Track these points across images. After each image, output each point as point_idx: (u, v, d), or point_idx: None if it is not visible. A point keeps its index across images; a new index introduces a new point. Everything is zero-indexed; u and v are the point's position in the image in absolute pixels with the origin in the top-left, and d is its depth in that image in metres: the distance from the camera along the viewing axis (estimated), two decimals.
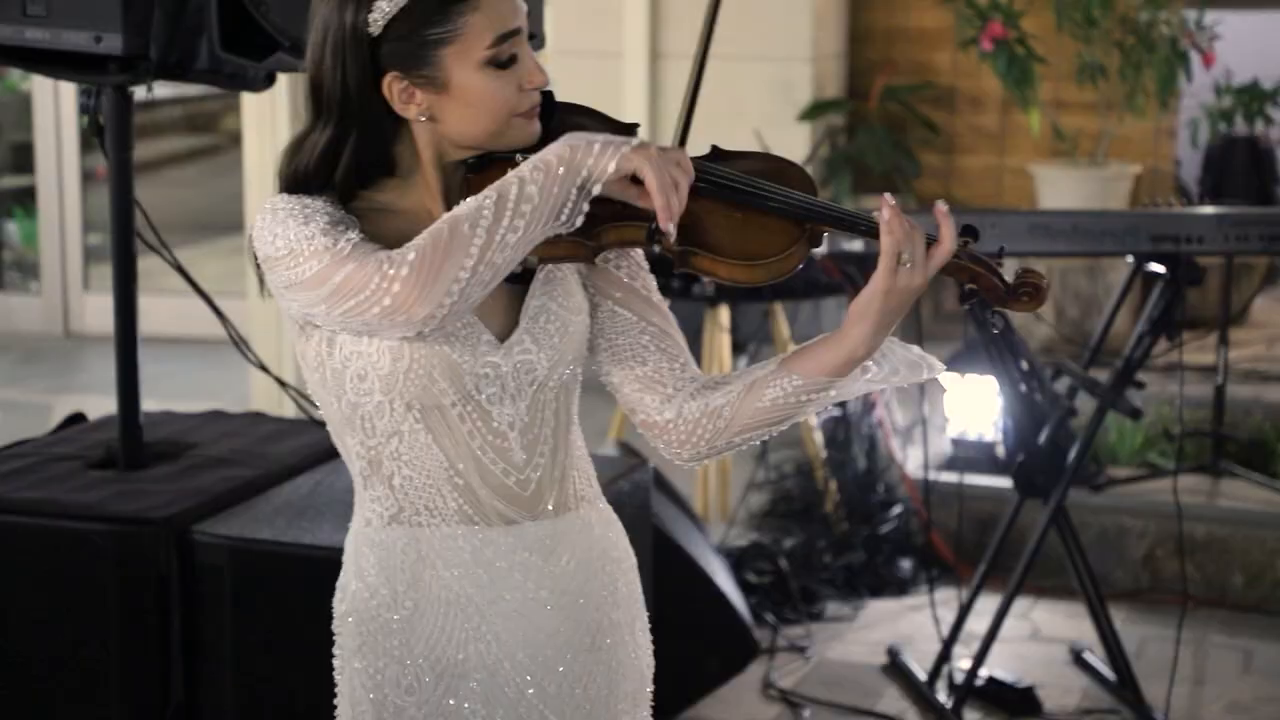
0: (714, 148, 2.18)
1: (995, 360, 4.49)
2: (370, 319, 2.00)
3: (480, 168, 2.12)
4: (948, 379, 5.50)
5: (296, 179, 2.13)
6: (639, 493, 3.72)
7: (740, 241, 2.08)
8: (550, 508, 2.19)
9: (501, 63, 2.08)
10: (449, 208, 2.11)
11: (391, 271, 1.96)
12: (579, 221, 1.99)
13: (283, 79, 5.84)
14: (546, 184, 1.96)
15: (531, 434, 2.17)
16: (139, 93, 3.51)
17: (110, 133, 3.45)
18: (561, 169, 1.97)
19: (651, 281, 2.24)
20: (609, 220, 2.07)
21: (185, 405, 4.16)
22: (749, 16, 6.99)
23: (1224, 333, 5.61)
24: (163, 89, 3.71)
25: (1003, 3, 6.74)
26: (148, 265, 3.59)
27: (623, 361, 2.21)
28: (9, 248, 8.95)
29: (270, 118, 5.92)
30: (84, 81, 3.46)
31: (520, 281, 2.15)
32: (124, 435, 3.57)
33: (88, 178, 8.32)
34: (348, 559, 2.24)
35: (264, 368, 3.89)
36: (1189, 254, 4.33)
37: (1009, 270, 2.11)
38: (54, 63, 3.44)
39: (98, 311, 8.03)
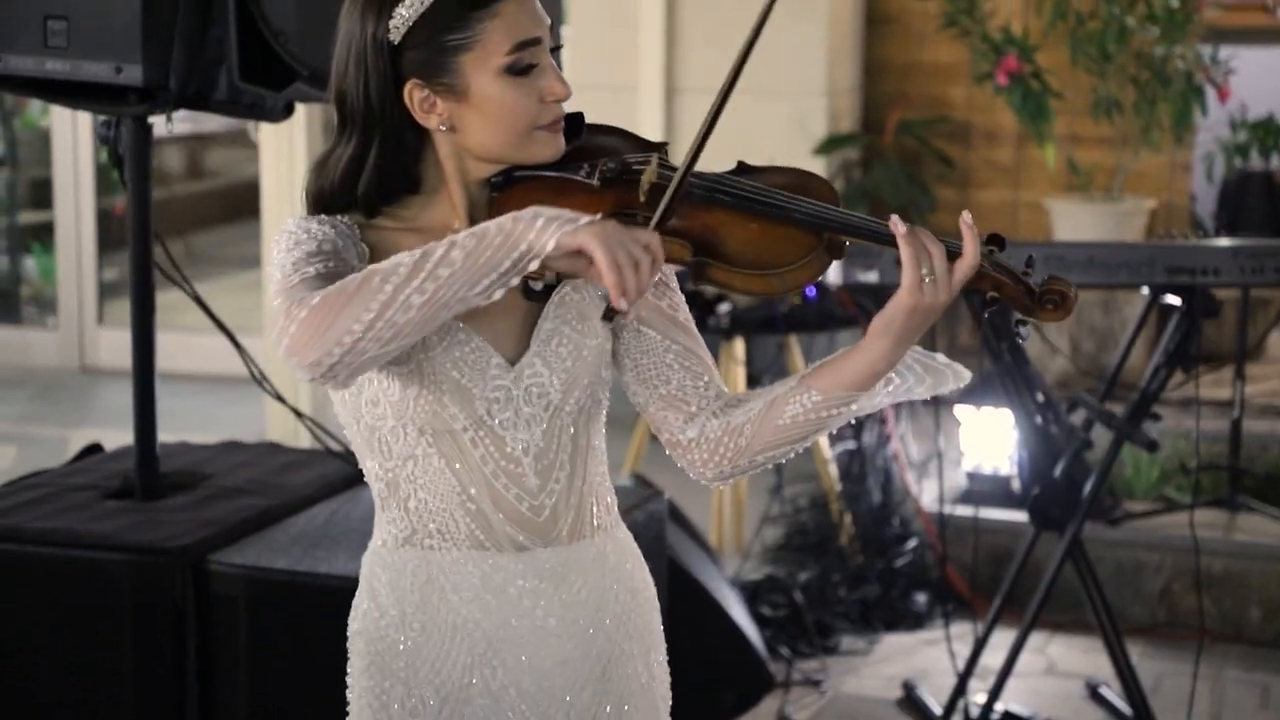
0: (740, 163, 2.19)
1: (1010, 392, 4.48)
2: (282, 356, 1.96)
3: (505, 185, 2.13)
4: (963, 412, 5.49)
5: (321, 196, 2.14)
6: (654, 524, 3.72)
7: (755, 252, 2.08)
8: (564, 534, 2.18)
9: (521, 71, 2.08)
10: (472, 225, 2.10)
11: (295, 313, 1.92)
12: (497, 295, 1.92)
13: (301, 110, 5.89)
14: (476, 251, 1.90)
15: (547, 459, 2.16)
16: (159, 125, 3.52)
17: (130, 163, 3.46)
18: (498, 239, 1.90)
19: (679, 299, 2.23)
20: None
21: (201, 438, 4.17)
22: (764, 51, 6.96)
23: (1240, 367, 5.60)
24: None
25: (1018, 37, 6.76)
26: (163, 300, 3.59)
27: (647, 381, 2.20)
28: (27, 282, 8.98)
29: (288, 150, 5.94)
30: (104, 112, 3.47)
31: (537, 300, 2.15)
32: (140, 465, 3.58)
33: (104, 213, 8.35)
34: (363, 578, 2.25)
35: (280, 397, 3.90)
36: (1204, 286, 4.33)
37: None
38: (74, 94, 3.46)
39: (113, 346, 8.05)
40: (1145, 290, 4.44)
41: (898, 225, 2.02)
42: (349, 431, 2.19)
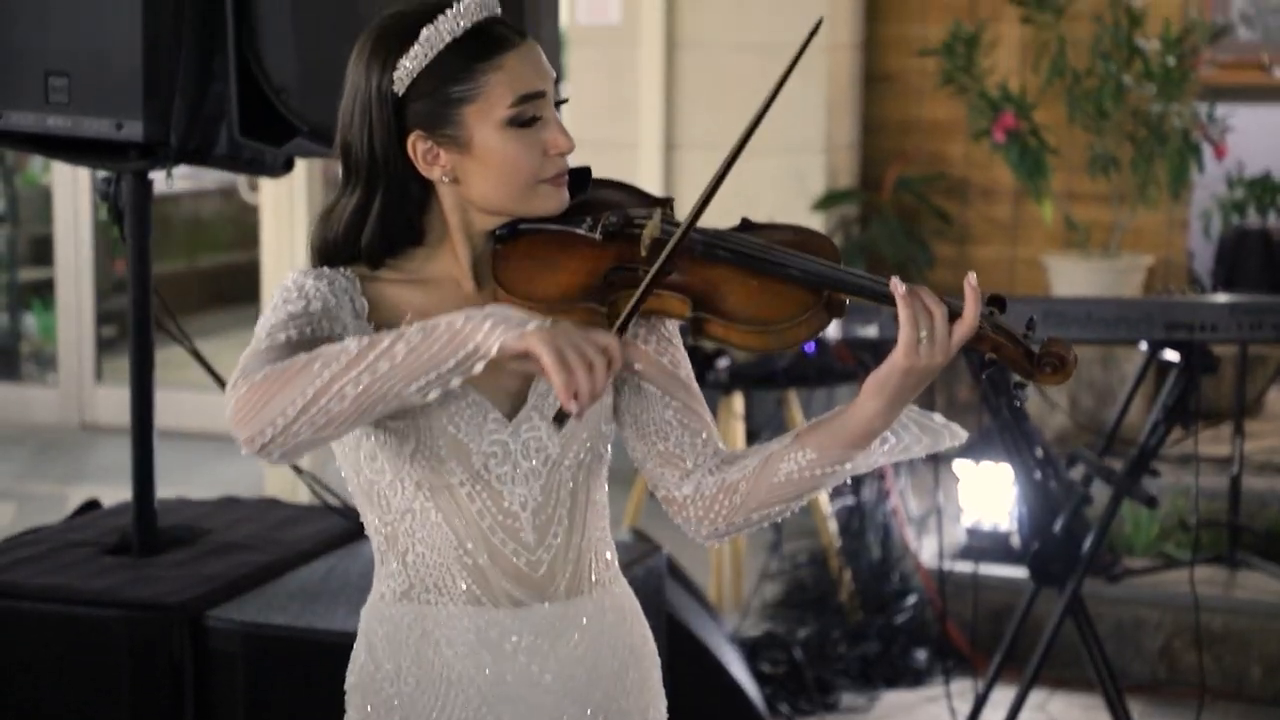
0: (743, 220, 2.19)
1: (1010, 447, 4.48)
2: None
3: (509, 238, 2.13)
4: (962, 468, 5.49)
5: (325, 247, 2.15)
6: (652, 579, 3.71)
7: (754, 308, 2.07)
8: (562, 590, 2.16)
9: (524, 124, 2.09)
10: (477, 279, 2.14)
11: (239, 385, 1.92)
12: (433, 395, 1.90)
13: (301, 162, 5.91)
14: (420, 348, 1.88)
15: (544, 514, 2.14)
16: (160, 180, 3.53)
17: (130, 218, 3.47)
18: (445, 337, 1.87)
19: (681, 356, 2.22)
20: (631, 287, 2.06)
21: (200, 495, 4.16)
22: None
23: (1239, 423, 5.60)
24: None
25: (1015, 94, 6.79)
26: (162, 357, 3.60)
27: (645, 436, 2.19)
28: (27, 339, 8.99)
29: (288, 199, 5.95)
30: (104, 168, 3.49)
31: None
32: (138, 521, 3.57)
33: (102, 270, 8.37)
34: (361, 632, 2.23)
35: None
36: (1203, 342, 4.33)
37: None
38: (75, 150, 3.48)
39: (112, 403, 8.05)
40: (1144, 346, 4.45)
41: (897, 286, 2.01)
42: (350, 485, 2.18)
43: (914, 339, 1.99)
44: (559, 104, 2.15)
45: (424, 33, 2.07)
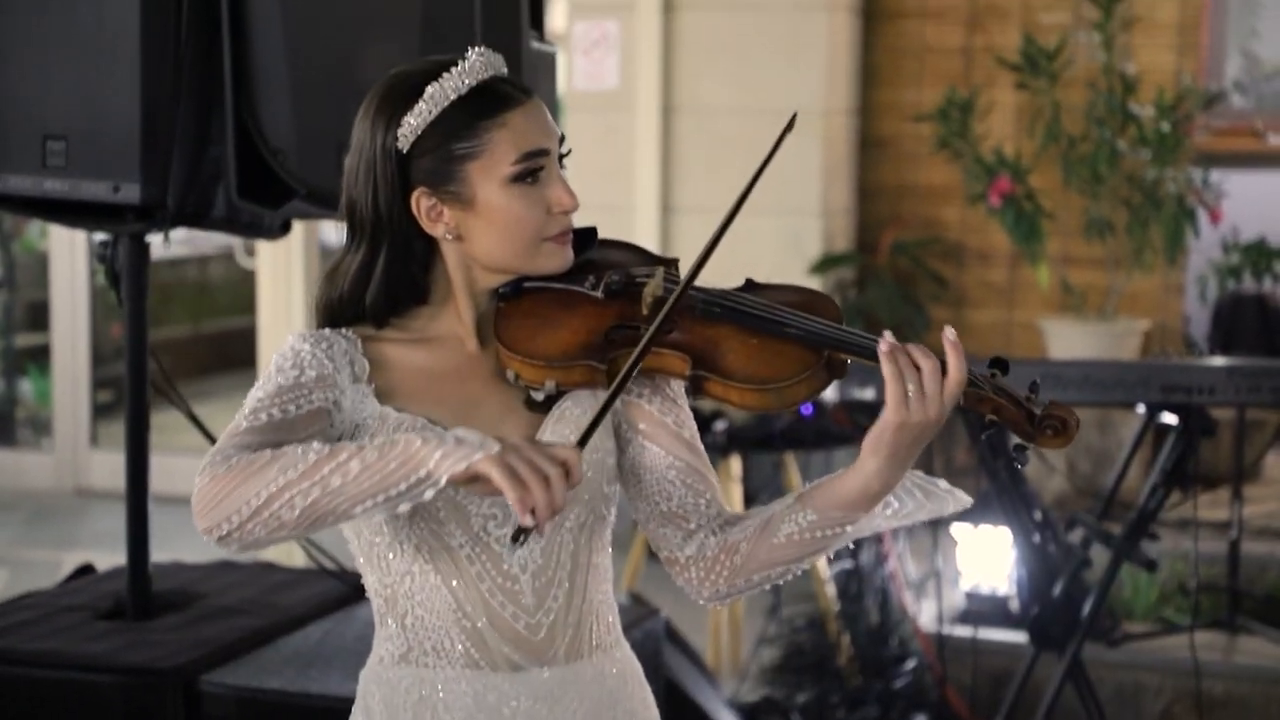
0: (748, 280, 2.19)
1: (1008, 510, 4.47)
2: None
3: (512, 296, 2.13)
4: (961, 531, 5.47)
5: (330, 306, 2.14)
6: (650, 642, 3.69)
7: (753, 367, 2.07)
8: (561, 654, 2.13)
9: (527, 181, 2.09)
10: (480, 337, 2.14)
11: (206, 472, 1.92)
12: (377, 516, 1.94)
13: (298, 227, 5.92)
14: (374, 466, 1.86)
15: (545, 577, 2.12)
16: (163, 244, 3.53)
17: (126, 281, 3.47)
18: (400, 458, 1.86)
19: (685, 416, 2.19)
20: (632, 345, 2.06)
21: (195, 559, 4.14)
22: None
23: (1238, 486, 5.58)
24: None
25: (1010, 159, 6.81)
26: (157, 421, 3.59)
27: (649, 496, 2.17)
28: (22, 405, 8.98)
29: (285, 264, 5.96)
30: (101, 230, 3.49)
31: (539, 411, 2.13)
32: (132, 585, 3.55)
33: (98, 336, 8.37)
34: (359, 695, 2.21)
35: None
36: (1201, 405, 4.33)
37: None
38: (72, 213, 3.48)
39: (106, 469, 8.03)
40: (1141, 409, 4.44)
41: (882, 343, 2.00)
42: (351, 545, 2.17)
43: (901, 394, 1.97)
44: (563, 159, 2.15)
45: (429, 90, 2.07)
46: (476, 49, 2.11)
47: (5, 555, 7.20)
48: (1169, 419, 4.35)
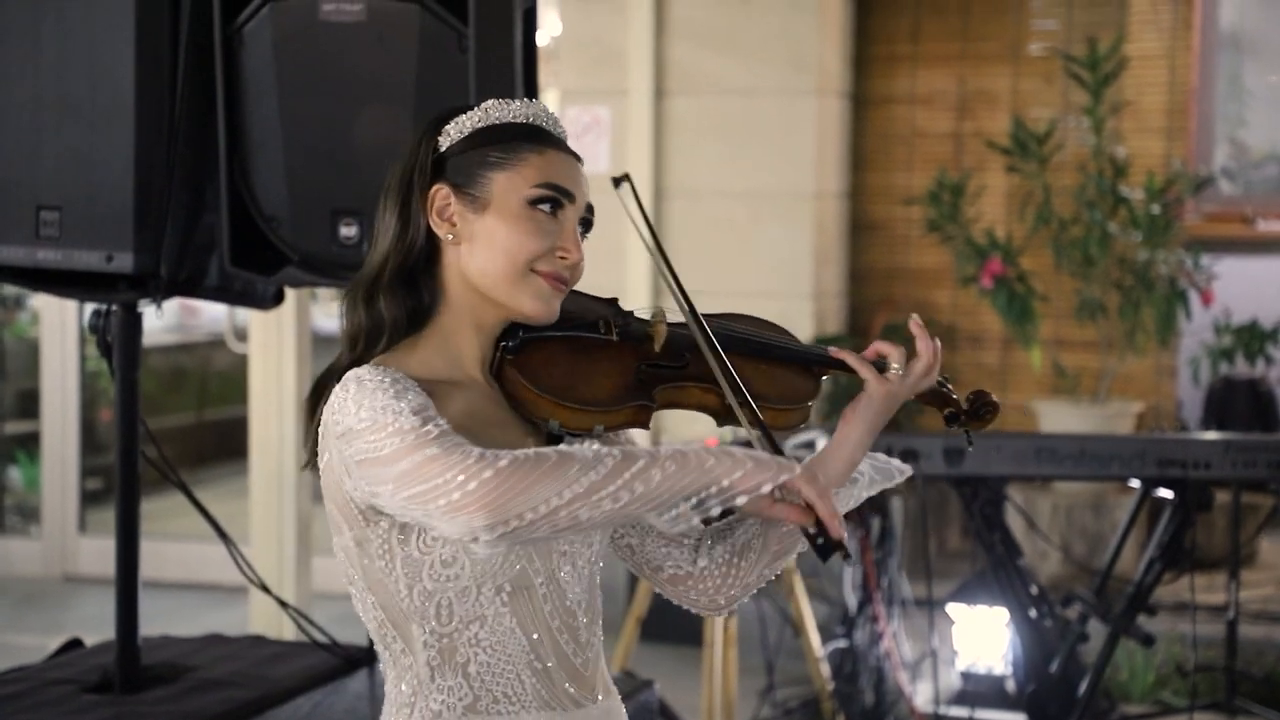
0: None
1: (1004, 584, 4.44)
2: (433, 509, 1.90)
3: (519, 349, 2.13)
4: (957, 611, 5.43)
5: (354, 335, 2.12)
6: (644, 714, 3.66)
7: (776, 389, 2.18)
8: (598, 691, 2.14)
9: (544, 209, 2.09)
10: (485, 373, 2.13)
11: (475, 467, 1.88)
12: (680, 527, 1.93)
13: (290, 301, 5.91)
14: (674, 475, 1.90)
15: (591, 611, 2.14)
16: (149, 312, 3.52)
17: (118, 351, 3.46)
18: (694, 472, 1.90)
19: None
20: (657, 383, 2.13)
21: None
22: (752, 253, 7.10)
23: (1235, 568, 5.56)
24: None
25: (1001, 241, 6.83)
26: (149, 508, 3.57)
27: (648, 532, 2.21)
28: (10, 491, 8.94)
29: (277, 349, 5.95)
30: (94, 300, 3.48)
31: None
32: (121, 658, 3.51)
33: (88, 424, 8.35)
34: None
35: (265, 587, 3.85)
36: (1196, 480, 4.32)
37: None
38: (64, 283, 3.47)
39: (95, 555, 7.99)
40: (1136, 484, 4.43)
41: (840, 351, 2.22)
42: (386, 601, 2.08)
43: (873, 372, 2.18)
44: (586, 229, 2.16)
45: (488, 103, 2.15)
46: (546, 106, 2.18)
47: None
48: (1165, 494, 4.34)
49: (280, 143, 3.26)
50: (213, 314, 9.21)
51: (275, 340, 5.92)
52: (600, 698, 2.14)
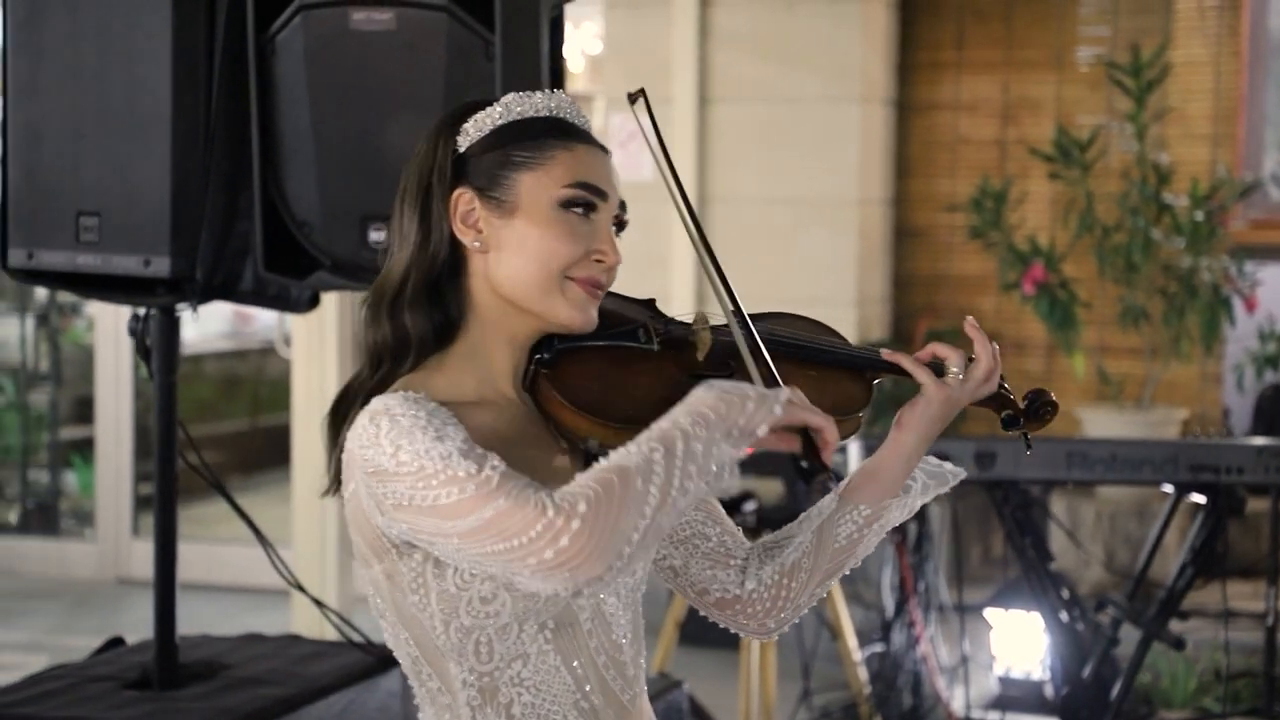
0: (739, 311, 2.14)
1: (1036, 588, 4.46)
2: (520, 569, 1.79)
3: (554, 362, 2.01)
4: (993, 615, 5.45)
5: (377, 349, 1.99)
6: (673, 714, 3.70)
7: (829, 398, 2.03)
8: None
9: (576, 212, 1.97)
10: (518, 387, 2.03)
11: (560, 522, 1.76)
12: (725, 479, 1.83)
13: (333, 307, 5.99)
14: (708, 441, 1.80)
15: (635, 644, 2.04)
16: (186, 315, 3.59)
17: (156, 354, 3.53)
18: (717, 423, 1.81)
19: None
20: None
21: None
22: (795, 260, 7.13)
23: (1274, 573, 5.54)
24: None
25: (1044, 247, 6.84)
26: (198, 513, 3.63)
27: (685, 541, 2.12)
28: (66, 496, 9.07)
29: (319, 352, 6.03)
30: (132, 303, 3.55)
31: None
32: (159, 656, 3.58)
33: (141, 429, 8.46)
34: None
35: (299, 586, 3.91)
36: (1229, 485, 4.32)
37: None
38: (103, 286, 3.54)
39: (147, 558, 8.05)
40: (1169, 488, 4.44)
41: (895, 355, 2.11)
42: (419, 637, 1.96)
43: (930, 377, 2.08)
44: (620, 227, 2.04)
45: (507, 97, 2.00)
46: (568, 96, 2.04)
47: (47, 642, 7.24)
48: (1198, 499, 4.35)
49: (312, 149, 3.32)
50: (266, 321, 9.32)
51: (318, 346, 5.99)
52: None
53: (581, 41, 8.84)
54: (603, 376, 2.00)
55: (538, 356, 2.01)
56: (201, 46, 3.40)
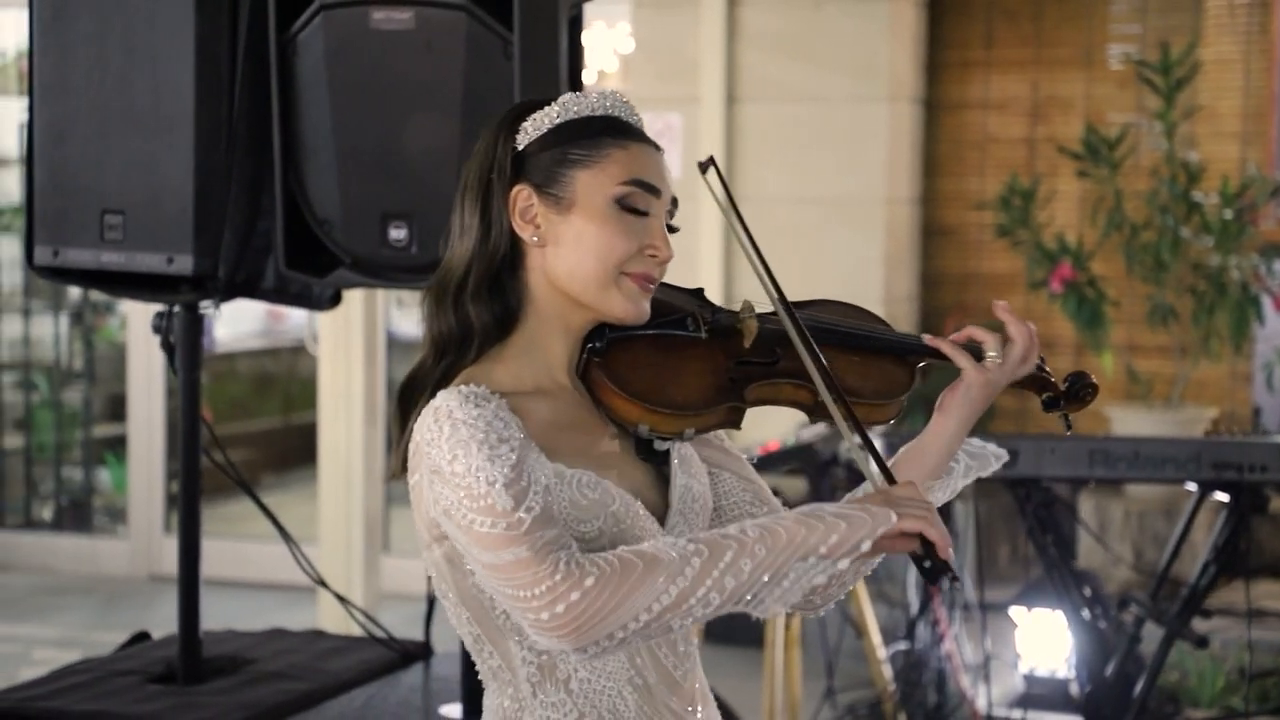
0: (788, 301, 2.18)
1: (1059, 586, 4.45)
2: (520, 618, 1.90)
3: (605, 350, 2.08)
4: (1018, 614, 5.44)
5: (440, 340, 2.07)
6: None
7: (870, 383, 2.13)
8: (699, 700, 2.10)
9: (631, 210, 2.04)
10: (573, 375, 2.09)
11: (563, 588, 1.85)
12: (779, 609, 1.91)
13: (358, 306, 6.02)
14: (766, 561, 1.87)
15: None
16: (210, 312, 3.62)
17: (180, 351, 3.56)
18: (786, 550, 1.87)
19: (730, 441, 2.23)
20: (750, 380, 2.08)
21: None
22: (823, 259, 7.14)
23: None
24: None
25: (1071, 246, 6.83)
26: (229, 510, 3.67)
27: (733, 522, 2.15)
28: (99, 493, 9.14)
29: (345, 349, 6.06)
30: (155, 301, 3.58)
31: (656, 459, 2.10)
32: (183, 650, 3.62)
33: (174, 427, 8.51)
34: None
35: (322, 582, 3.94)
36: (1252, 483, 4.30)
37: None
38: (128, 284, 3.57)
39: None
40: (1192, 486, 4.43)
41: (936, 340, 2.17)
42: (479, 616, 2.04)
43: (971, 362, 2.15)
44: (672, 225, 2.10)
45: (564, 97, 2.08)
46: (622, 95, 2.12)
47: (80, 638, 7.29)
48: (1221, 497, 4.34)
49: (332, 148, 3.35)
50: (298, 320, 9.37)
51: (344, 344, 6.02)
52: (700, 711, 2.10)
53: (615, 41, 8.85)
54: (652, 364, 2.07)
55: (590, 345, 2.09)
56: (224, 46, 3.43)
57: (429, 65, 3.28)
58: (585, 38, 3.57)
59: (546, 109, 2.07)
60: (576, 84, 3.44)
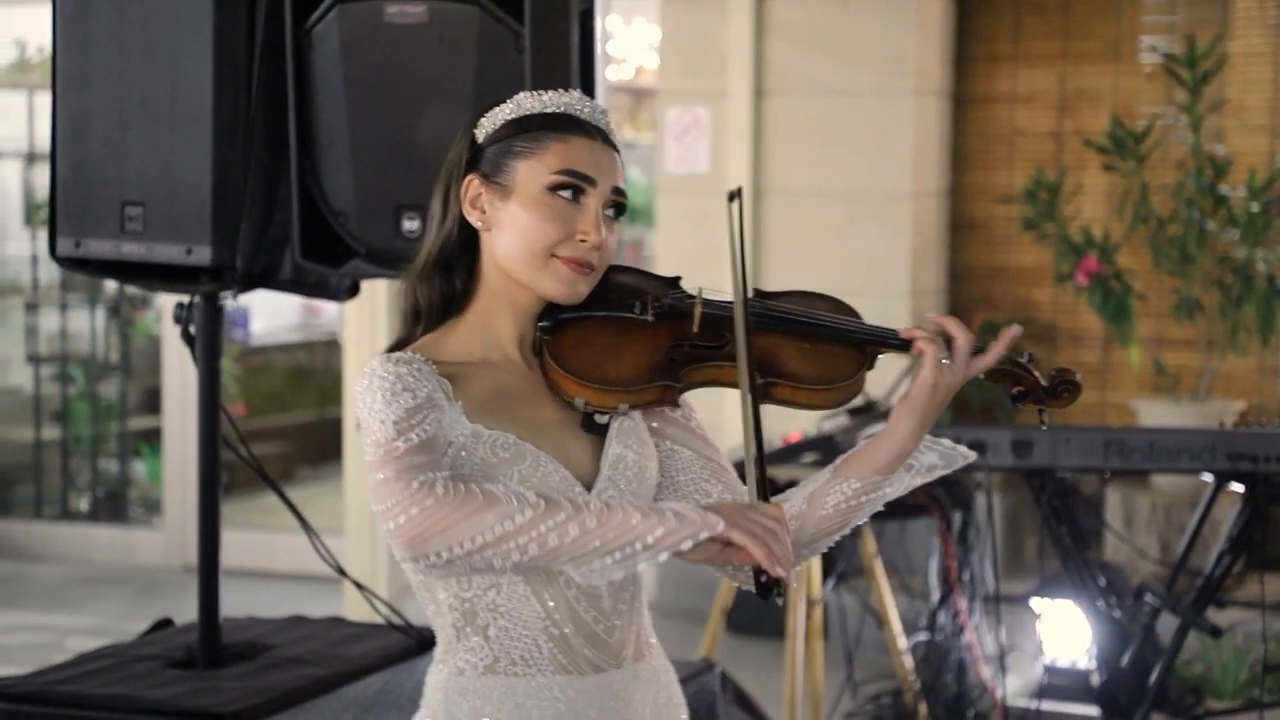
0: (757, 290, 2.32)
1: (1074, 576, 4.47)
2: (384, 531, 2.10)
3: (556, 328, 2.26)
4: (1040, 605, 5.45)
5: (407, 315, 2.30)
6: (705, 696, 3.74)
7: (815, 369, 2.24)
8: (629, 654, 2.25)
9: (563, 196, 2.22)
10: (527, 351, 2.28)
11: (415, 498, 2.05)
12: (594, 580, 2.08)
13: (383, 298, 6.06)
14: (594, 531, 2.03)
15: (619, 580, 2.22)
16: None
17: (200, 341, 3.61)
18: (617, 529, 2.03)
19: (692, 411, 2.36)
20: (693, 361, 2.22)
21: None
22: (850, 252, 7.16)
23: None
24: None
25: (1098, 239, 6.83)
26: (259, 503, 3.71)
27: (687, 497, 2.31)
28: (135, 484, 9.22)
29: (370, 338, 6.11)
30: (174, 291, 3.64)
31: (597, 432, 2.25)
32: (203, 636, 3.67)
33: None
34: (437, 704, 2.26)
35: (341, 571, 3.98)
36: (1268, 474, 4.31)
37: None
38: (147, 275, 3.63)
39: None
40: (1208, 477, 4.44)
41: (910, 333, 2.25)
42: (408, 564, 2.20)
43: (936, 359, 2.21)
44: (619, 209, 2.26)
45: (519, 95, 2.29)
46: (581, 95, 2.30)
47: (114, 628, 7.37)
48: (1236, 488, 4.35)
49: (347, 140, 3.40)
50: (333, 313, 9.43)
51: (369, 337, 6.07)
52: (627, 663, 2.24)
53: (649, 35, 8.88)
54: (595, 343, 2.24)
55: (541, 324, 2.26)
56: (241, 41, 3.49)
57: (442, 59, 3.34)
58: (618, 34, 3.61)
59: (502, 106, 2.28)
60: (588, 77, 3.48)
